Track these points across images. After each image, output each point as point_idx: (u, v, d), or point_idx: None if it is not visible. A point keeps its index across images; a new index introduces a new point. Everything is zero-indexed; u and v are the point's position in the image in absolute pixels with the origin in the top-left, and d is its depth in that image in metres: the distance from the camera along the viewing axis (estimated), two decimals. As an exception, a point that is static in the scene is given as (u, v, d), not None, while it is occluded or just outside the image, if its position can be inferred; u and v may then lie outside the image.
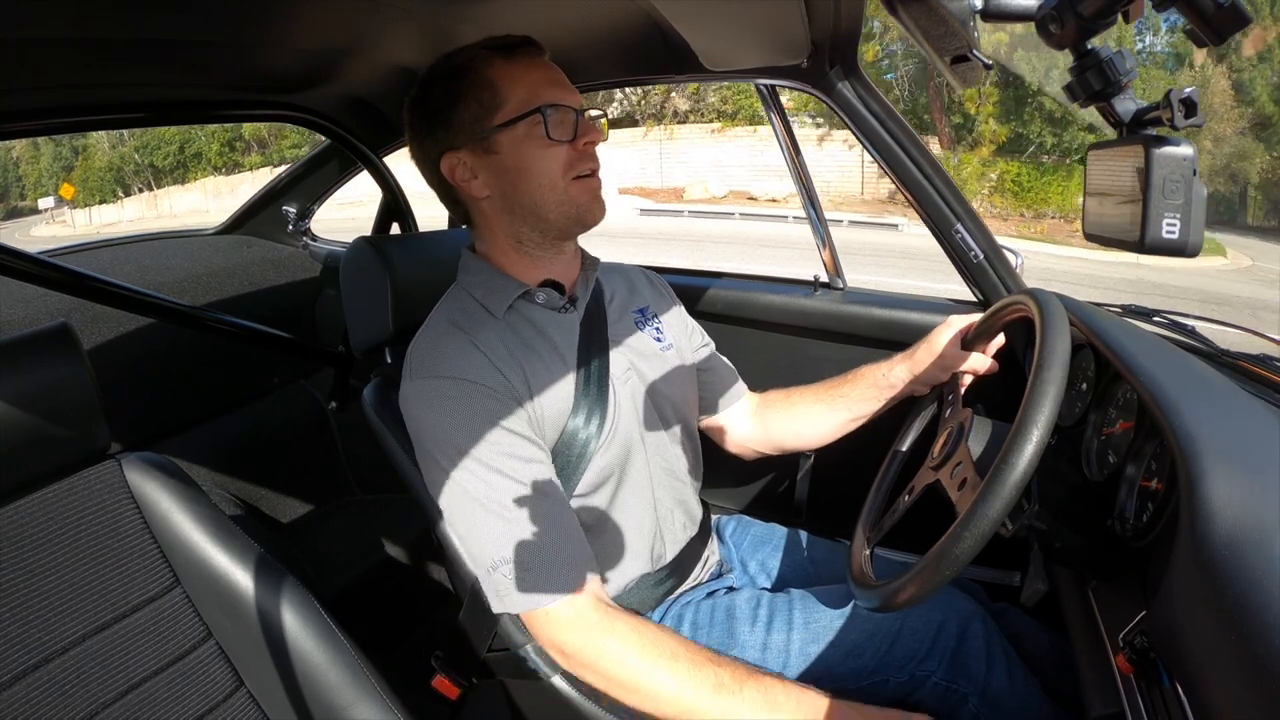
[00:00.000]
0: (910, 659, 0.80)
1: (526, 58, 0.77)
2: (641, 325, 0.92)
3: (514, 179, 0.77)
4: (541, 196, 0.78)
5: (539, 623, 0.71)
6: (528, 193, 0.78)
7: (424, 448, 0.75)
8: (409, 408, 0.76)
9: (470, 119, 0.76)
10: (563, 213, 0.79)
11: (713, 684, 0.66)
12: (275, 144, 25.77)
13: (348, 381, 1.83)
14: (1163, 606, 0.52)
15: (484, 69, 0.76)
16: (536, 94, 0.76)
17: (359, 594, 1.46)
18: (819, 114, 15.27)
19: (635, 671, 0.67)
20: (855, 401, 0.97)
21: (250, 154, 26.82)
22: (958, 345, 0.91)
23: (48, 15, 0.73)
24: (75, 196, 29.04)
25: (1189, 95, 0.50)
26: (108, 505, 0.72)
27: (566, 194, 0.78)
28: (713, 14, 0.86)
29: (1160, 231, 0.51)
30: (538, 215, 0.79)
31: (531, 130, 0.75)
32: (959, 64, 0.67)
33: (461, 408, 0.72)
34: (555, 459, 0.77)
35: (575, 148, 0.77)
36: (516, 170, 0.77)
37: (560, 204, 0.78)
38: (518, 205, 0.79)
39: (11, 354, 0.66)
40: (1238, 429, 0.63)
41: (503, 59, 0.76)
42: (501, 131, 0.75)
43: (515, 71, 0.76)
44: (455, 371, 0.73)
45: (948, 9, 0.57)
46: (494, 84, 0.76)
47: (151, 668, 0.70)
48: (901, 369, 0.94)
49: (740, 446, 1.06)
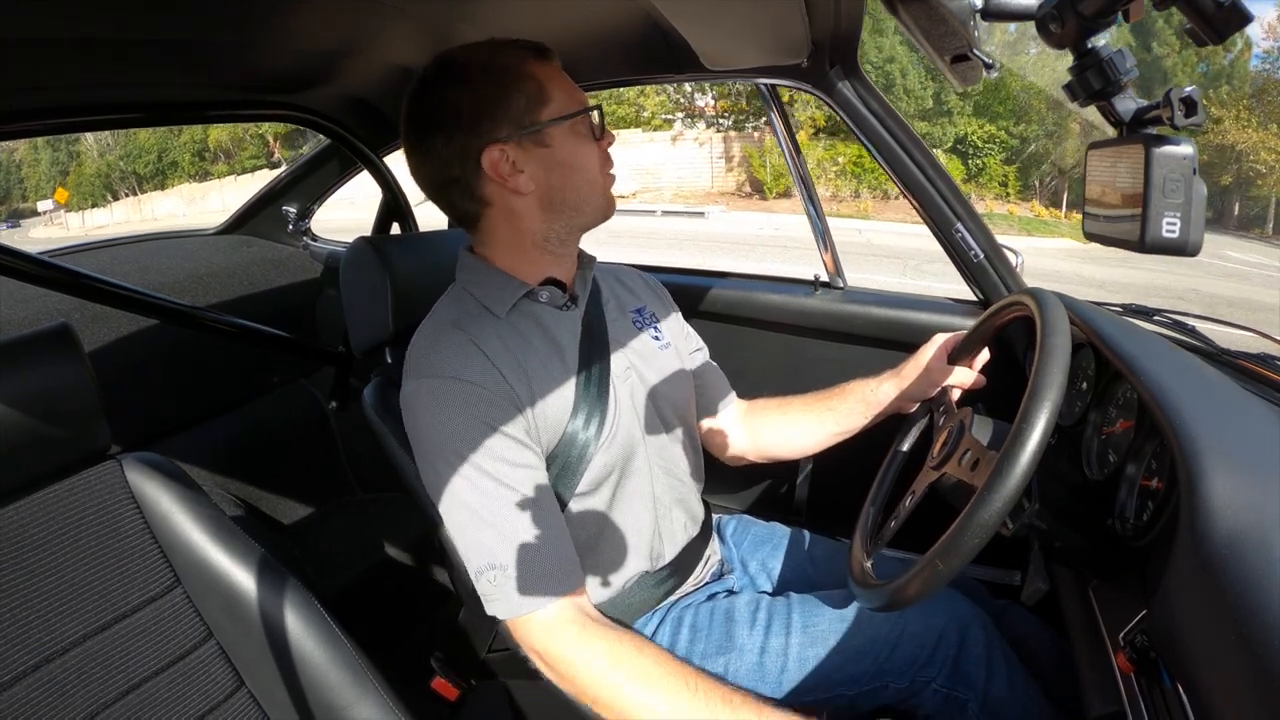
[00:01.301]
0: (911, 665, 0.79)
1: (552, 61, 0.80)
2: (640, 325, 0.92)
3: (564, 172, 0.79)
4: (587, 191, 0.81)
5: (521, 629, 0.71)
6: (575, 187, 0.80)
7: (421, 448, 0.75)
8: (407, 407, 0.76)
9: (519, 112, 0.76)
10: (598, 205, 0.82)
11: (686, 703, 0.66)
12: (238, 155, 28.69)
13: (348, 381, 1.83)
14: (1163, 606, 0.52)
15: (525, 66, 0.77)
16: (574, 94, 0.79)
17: (359, 594, 1.46)
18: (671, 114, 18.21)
19: (609, 686, 0.67)
20: (843, 415, 0.98)
21: (218, 163, 29.67)
22: (944, 360, 0.92)
23: (48, 15, 0.73)
24: (69, 200, 31.27)
25: (1189, 94, 0.50)
26: (108, 505, 0.72)
27: (604, 188, 0.82)
28: (713, 14, 0.87)
29: (1160, 231, 0.51)
30: (578, 209, 0.81)
31: (576, 127, 0.78)
32: (959, 63, 0.67)
33: (458, 409, 0.72)
34: (555, 460, 0.77)
35: (601, 147, 0.82)
36: (567, 164, 0.79)
37: (599, 196, 0.82)
38: (561, 199, 0.80)
39: (11, 354, 0.66)
40: (1238, 428, 0.63)
41: (535, 59, 0.78)
42: (554, 125, 0.77)
43: (551, 72, 0.78)
44: (454, 372, 0.73)
45: (948, 9, 0.57)
46: (538, 80, 0.77)
47: (152, 668, 0.70)
48: (889, 385, 0.95)
49: (728, 452, 1.06)
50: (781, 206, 16.00)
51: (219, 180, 27.67)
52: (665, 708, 0.66)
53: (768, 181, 17.15)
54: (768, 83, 1.21)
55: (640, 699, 0.66)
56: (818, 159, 17.15)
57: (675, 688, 0.67)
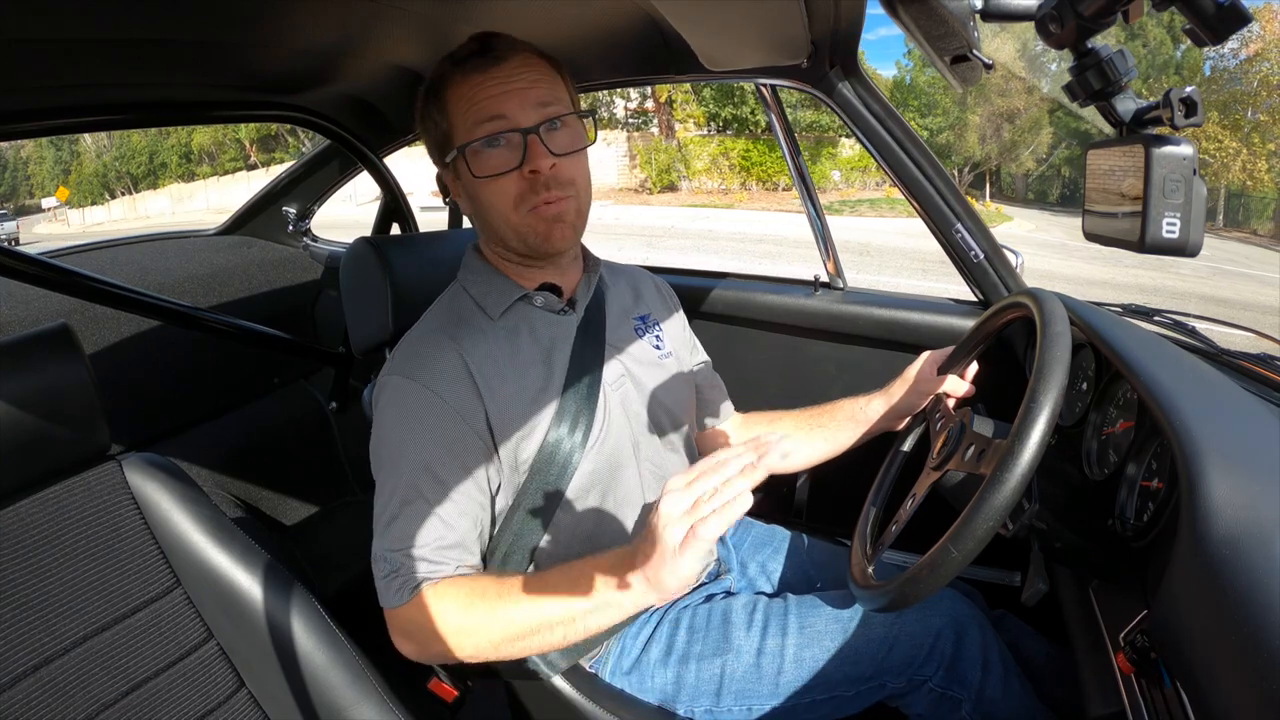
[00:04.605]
0: (908, 664, 0.80)
1: (477, 71, 0.71)
2: (641, 332, 0.91)
3: (475, 204, 0.78)
4: (497, 225, 0.77)
5: (391, 621, 0.72)
6: (485, 219, 0.78)
7: (375, 438, 0.75)
8: (375, 396, 0.77)
9: (434, 142, 0.77)
10: (521, 241, 0.76)
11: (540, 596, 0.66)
12: (220, 158, 31.15)
13: (348, 382, 1.83)
14: (1163, 606, 0.52)
15: (442, 87, 0.74)
16: (474, 125, 0.71)
17: (359, 594, 1.45)
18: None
19: (470, 628, 0.68)
20: (833, 433, 0.98)
21: (202, 165, 32.02)
22: (932, 373, 0.91)
23: (48, 15, 0.73)
24: (69, 198, 33.09)
25: (1189, 94, 0.50)
26: (108, 506, 0.72)
27: (521, 226, 0.75)
28: (713, 14, 0.86)
29: (1160, 231, 0.51)
30: (501, 240, 0.79)
31: (481, 156, 0.72)
32: (959, 64, 0.67)
33: (416, 416, 0.73)
34: (538, 470, 0.77)
35: (524, 175, 0.72)
36: (473, 197, 0.77)
37: (514, 234, 0.76)
38: (486, 227, 0.80)
39: (11, 355, 0.66)
40: (1238, 429, 0.63)
41: (460, 74, 0.72)
42: (456, 158, 0.75)
43: (463, 90, 0.72)
44: (424, 377, 0.74)
45: (948, 9, 0.57)
46: (445, 105, 0.74)
47: (153, 668, 0.70)
48: (878, 402, 0.95)
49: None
50: (660, 200, 18.44)
51: (204, 181, 29.94)
52: (520, 611, 0.66)
53: (652, 178, 19.15)
54: (768, 83, 1.21)
55: (499, 620, 0.66)
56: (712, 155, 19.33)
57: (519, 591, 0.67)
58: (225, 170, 30.27)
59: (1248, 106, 19.36)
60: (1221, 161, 18.98)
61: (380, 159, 1.61)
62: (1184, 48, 21.35)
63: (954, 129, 22.30)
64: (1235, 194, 20.10)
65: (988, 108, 21.64)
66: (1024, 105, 21.46)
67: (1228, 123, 19.11)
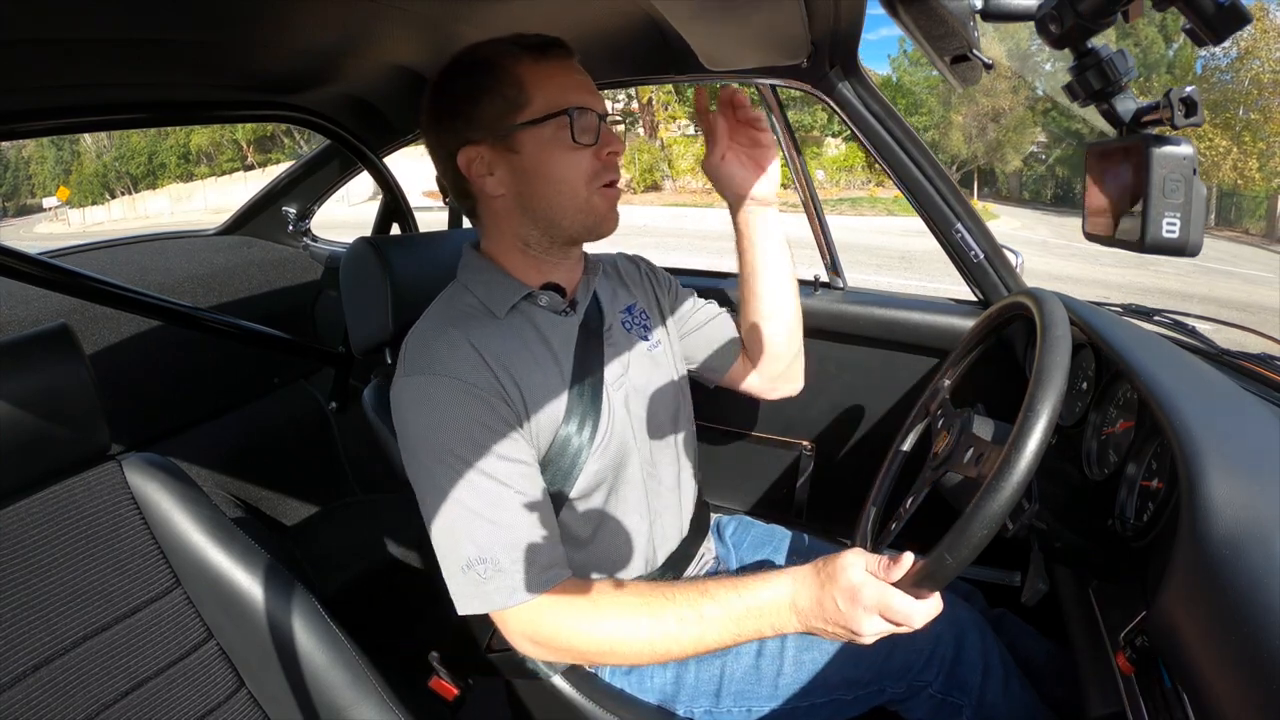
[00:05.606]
0: (908, 669, 0.79)
1: (556, 59, 0.76)
2: (629, 326, 0.91)
3: (532, 181, 0.76)
4: (560, 202, 0.76)
5: (512, 619, 0.70)
6: (545, 197, 0.76)
7: (409, 444, 0.73)
8: (397, 403, 0.74)
9: (493, 114, 0.75)
10: (579, 220, 0.78)
11: (670, 613, 0.67)
12: (218, 158, 31.69)
13: (348, 382, 1.84)
14: (1163, 606, 0.52)
15: (512, 65, 0.74)
16: (564, 96, 0.74)
17: (359, 594, 1.46)
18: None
19: (599, 635, 0.68)
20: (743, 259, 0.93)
21: (200, 165, 32.50)
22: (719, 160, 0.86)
23: (49, 15, 0.73)
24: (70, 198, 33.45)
25: (1189, 94, 0.50)
26: (108, 506, 0.72)
27: (588, 202, 0.77)
28: (713, 14, 0.86)
29: (1161, 231, 0.51)
30: (551, 220, 0.78)
31: (557, 133, 0.74)
32: (959, 64, 0.67)
33: (451, 406, 0.71)
34: (548, 466, 0.77)
35: (598, 156, 0.76)
36: (536, 173, 0.75)
37: (579, 211, 0.77)
38: (532, 208, 0.77)
39: (11, 354, 0.66)
40: (1238, 429, 0.63)
41: (532, 58, 0.75)
42: (524, 130, 0.74)
43: (544, 71, 0.74)
44: (447, 370, 0.72)
45: (948, 9, 0.57)
46: (521, 81, 0.74)
47: (153, 668, 0.70)
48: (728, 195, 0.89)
49: (757, 394, 1.02)
50: (642, 200, 18.20)
51: (202, 181, 30.33)
52: (650, 624, 0.67)
53: (635, 178, 19.26)
54: (768, 83, 1.21)
55: (627, 631, 0.67)
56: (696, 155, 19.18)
57: (654, 606, 0.68)
58: (223, 171, 30.70)
59: (1239, 105, 19.30)
60: (1212, 160, 18.91)
61: (380, 159, 1.62)
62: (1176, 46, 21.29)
63: (939, 128, 22.23)
64: (1227, 193, 20.02)
65: (973, 107, 21.66)
66: (1010, 105, 21.46)
67: (1219, 121, 19.00)
